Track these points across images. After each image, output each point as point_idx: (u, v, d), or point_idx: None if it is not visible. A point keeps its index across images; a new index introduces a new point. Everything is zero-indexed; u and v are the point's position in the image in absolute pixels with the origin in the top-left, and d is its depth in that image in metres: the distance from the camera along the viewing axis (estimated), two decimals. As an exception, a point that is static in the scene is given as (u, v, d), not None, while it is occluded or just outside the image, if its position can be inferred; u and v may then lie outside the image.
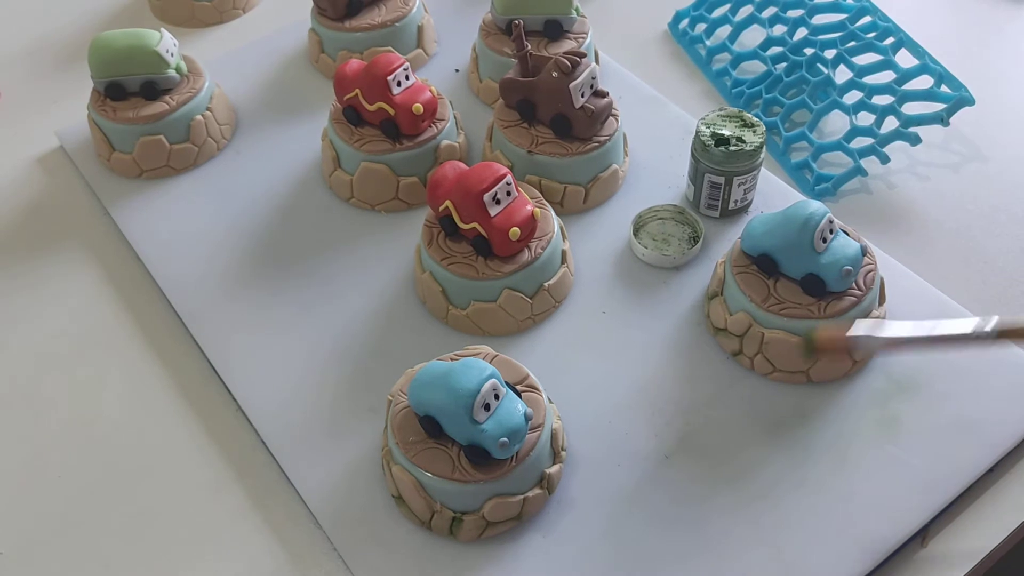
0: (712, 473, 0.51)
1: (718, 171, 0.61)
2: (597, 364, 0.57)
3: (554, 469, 0.50)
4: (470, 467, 0.48)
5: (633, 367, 0.57)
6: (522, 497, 0.49)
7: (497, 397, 0.47)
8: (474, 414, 0.46)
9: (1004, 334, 0.43)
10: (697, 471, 0.52)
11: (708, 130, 0.61)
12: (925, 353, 0.45)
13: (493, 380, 0.47)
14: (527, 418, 0.48)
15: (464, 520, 0.48)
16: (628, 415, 0.54)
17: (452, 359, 0.51)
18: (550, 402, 0.52)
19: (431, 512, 0.49)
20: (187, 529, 0.52)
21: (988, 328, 0.43)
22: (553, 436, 0.50)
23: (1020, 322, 0.43)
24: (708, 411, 0.54)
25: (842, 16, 0.75)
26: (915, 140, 0.67)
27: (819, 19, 0.76)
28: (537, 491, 0.49)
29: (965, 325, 0.44)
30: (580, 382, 0.56)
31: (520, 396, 0.49)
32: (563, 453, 0.52)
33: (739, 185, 0.62)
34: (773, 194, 0.66)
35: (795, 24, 0.77)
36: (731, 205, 0.63)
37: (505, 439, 0.46)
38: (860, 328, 0.45)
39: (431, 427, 0.48)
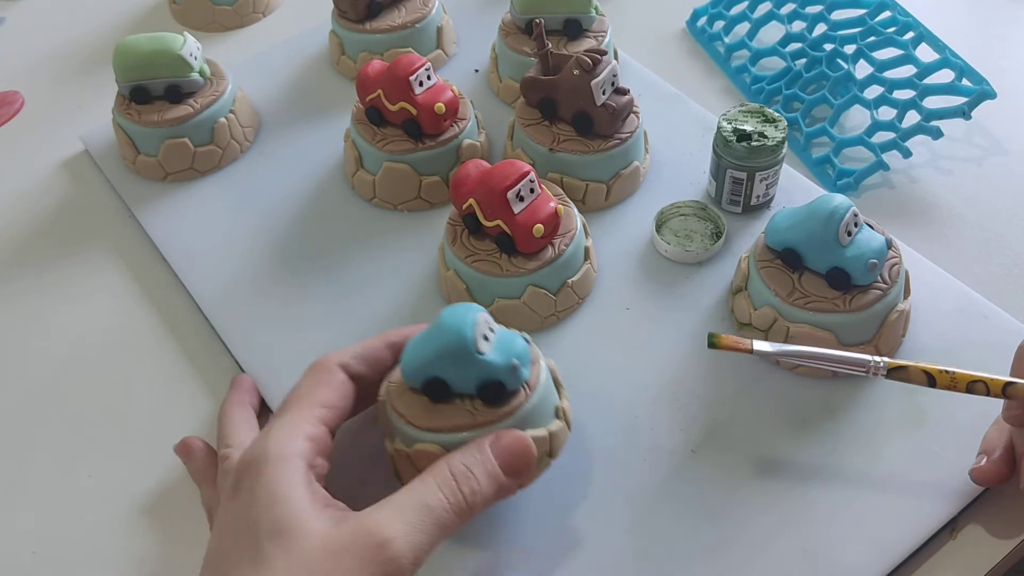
0: (739, 467, 0.52)
1: (740, 167, 0.62)
2: (622, 359, 0.57)
3: (565, 403, 0.50)
4: (488, 409, 0.46)
5: (658, 362, 0.57)
6: (547, 431, 0.48)
7: (492, 330, 0.47)
8: (478, 347, 0.45)
9: (894, 372, 0.47)
10: (724, 465, 0.52)
11: (730, 126, 0.62)
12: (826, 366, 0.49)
13: (482, 312, 0.46)
14: (527, 340, 0.48)
15: None
16: (654, 410, 0.54)
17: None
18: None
19: None
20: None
21: (881, 363, 0.47)
22: (551, 369, 0.50)
23: (909, 364, 0.47)
24: (734, 406, 0.54)
25: (861, 11, 0.75)
26: (937, 134, 0.67)
27: (838, 15, 0.76)
28: (559, 423, 0.49)
29: (861, 355, 0.48)
30: (605, 377, 0.56)
31: None
32: (563, 389, 0.51)
33: (761, 180, 0.62)
34: (795, 190, 0.66)
35: (814, 20, 0.77)
36: (753, 200, 0.64)
37: (515, 361, 0.46)
38: (760, 345, 0.49)
39: (437, 388, 0.47)
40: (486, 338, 0.46)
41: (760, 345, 0.49)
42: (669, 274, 0.62)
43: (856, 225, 0.53)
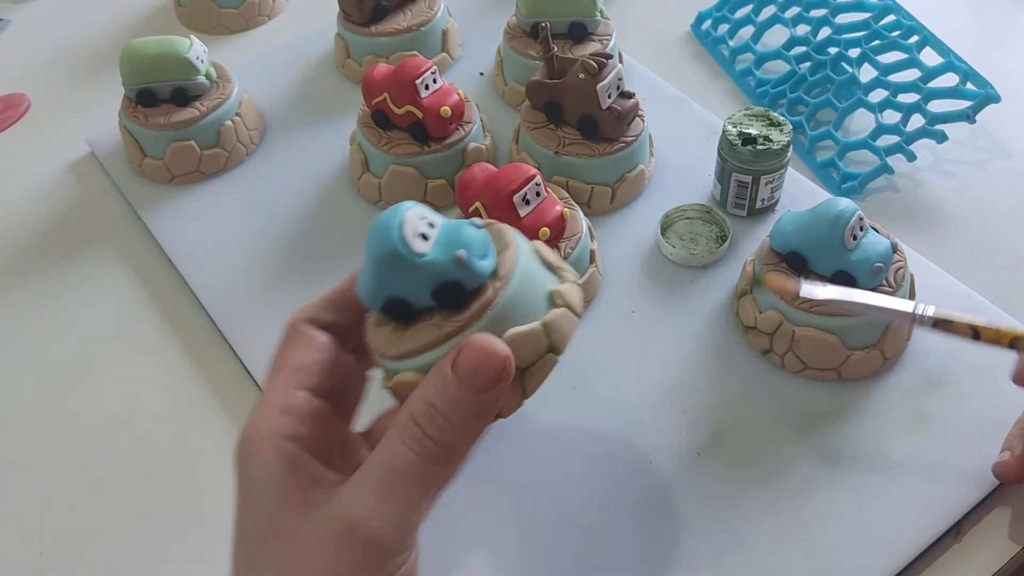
0: (744, 471, 0.52)
1: (745, 170, 0.62)
2: (627, 363, 0.57)
3: (564, 286, 0.40)
4: (454, 316, 0.38)
5: (663, 365, 0.57)
6: (540, 324, 0.38)
7: (432, 225, 0.39)
8: (412, 248, 0.37)
9: (939, 324, 0.46)
10: (729, 469, 0.52)
11: (735, 129, 0.62)
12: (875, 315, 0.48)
13: (413, 208, 0.39)
14: (477, 226, 0.39)
15: None
16: (659, 413, 0.55)
17: None
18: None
19: None
20: (225, 528, 0.53)
21: (928, 314, 0.46)
22: (538, 252, 0.41)
23: (955, 316, 0.46)
24: (739, 409, 0.54)
25: (866, 15, 0.75)
26: (941, 138, 0.67)
27: (843, 18, 0.77)
28: (557, 311, 0.39)
29: (907, 305, 0.47)
30: (610, 381, 0.56)
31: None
32: (562, 270, 0.41)
33: (766, 184, 0.62)
34: (800, 193, 0.66)
35: (818, 23, 0.77)
36: (758, 204, 0.64)
37: (459, 252, 0.37)
38: (808, 288, 0.48)
39: (398, 309, 0.39)
40: (424, 236, 0.38)
41: (808, 289, 0.48)
42: (674, 277, 0.62)
43: (861, 229, 0.53)
